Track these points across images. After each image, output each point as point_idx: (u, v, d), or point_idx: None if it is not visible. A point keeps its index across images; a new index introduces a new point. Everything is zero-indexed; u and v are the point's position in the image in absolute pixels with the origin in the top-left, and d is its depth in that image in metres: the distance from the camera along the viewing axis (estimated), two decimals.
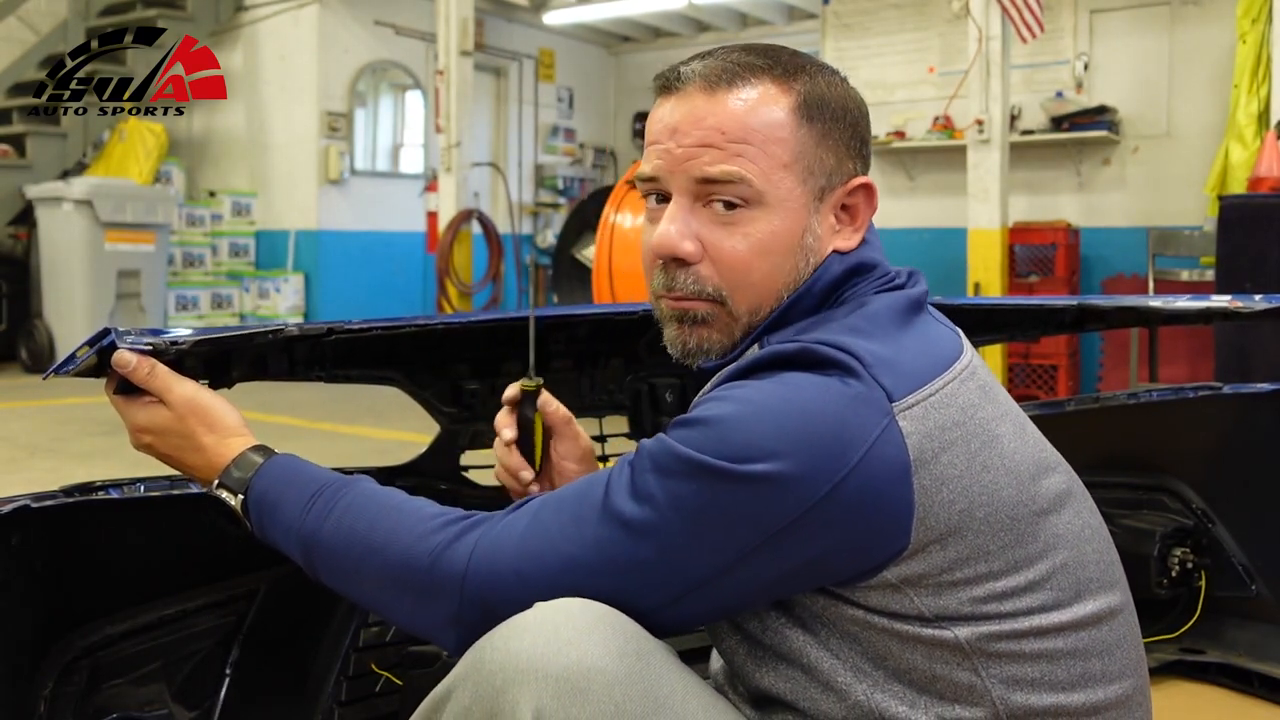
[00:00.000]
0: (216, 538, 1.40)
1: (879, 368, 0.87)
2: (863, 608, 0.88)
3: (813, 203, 0.97)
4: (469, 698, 0.83)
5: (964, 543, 0.87)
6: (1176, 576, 2.06)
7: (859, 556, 0.86)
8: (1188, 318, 2.02)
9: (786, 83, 0.96)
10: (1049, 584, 0.90)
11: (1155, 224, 6.51)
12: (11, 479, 3.95)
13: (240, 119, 8.34)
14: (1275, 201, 4.37)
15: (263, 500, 1.00)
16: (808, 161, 0.96)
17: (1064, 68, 7.08)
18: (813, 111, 0.96)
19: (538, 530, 0.88)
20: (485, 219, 7.65)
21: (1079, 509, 0.96)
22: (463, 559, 0.88)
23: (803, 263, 0.97)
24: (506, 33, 9.00)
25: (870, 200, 1.00)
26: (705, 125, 0.95)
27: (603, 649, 0.82)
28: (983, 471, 0.88)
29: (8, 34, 7.94)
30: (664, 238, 0.96)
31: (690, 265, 0.96)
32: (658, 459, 0.86)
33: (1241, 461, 2.09)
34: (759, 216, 0.95)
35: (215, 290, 8.13)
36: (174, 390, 1.06)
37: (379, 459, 1.46)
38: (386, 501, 0.96)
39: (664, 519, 0.84)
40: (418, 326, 1.37)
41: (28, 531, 1.17)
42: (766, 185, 0.94)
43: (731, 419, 0.85)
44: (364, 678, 1.51)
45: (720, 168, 0.94)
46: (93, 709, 1.26)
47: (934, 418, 0.87)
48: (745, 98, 0.95)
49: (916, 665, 0.88)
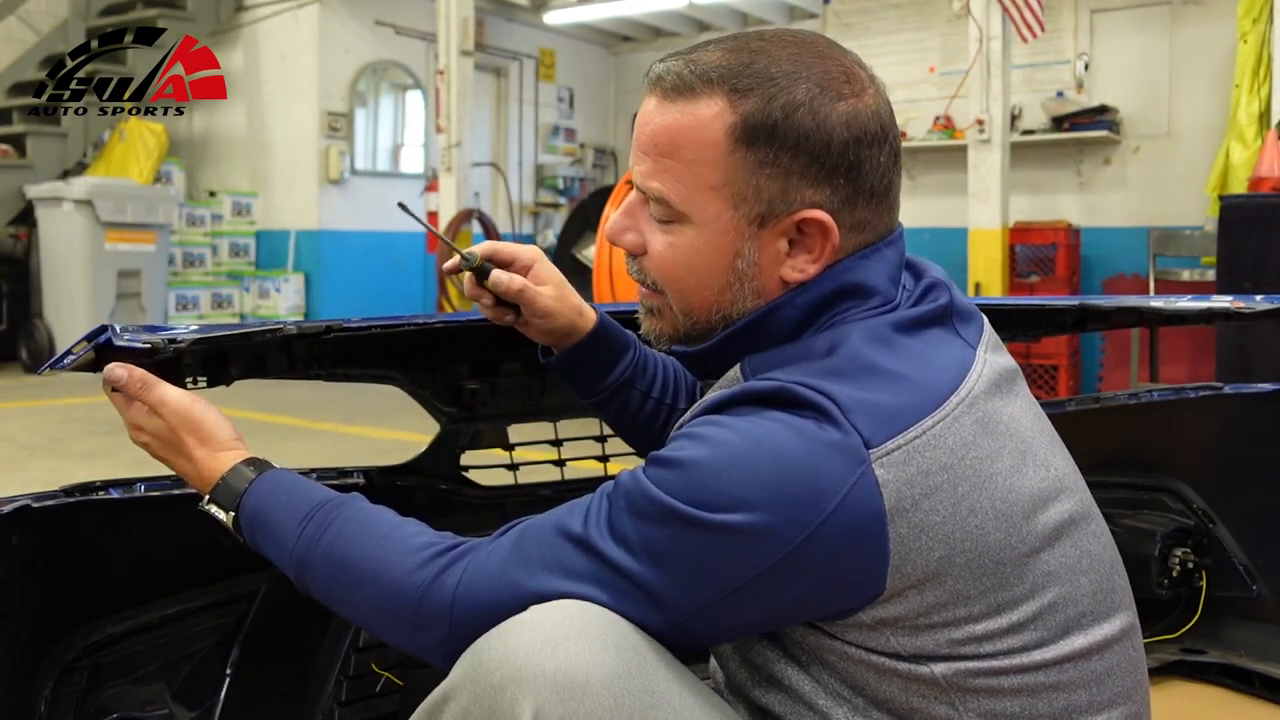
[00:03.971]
0: (217, 538, 1.40)
1: (857, 413, 0.84)
2: (840, 640, 0.88)
3: (747, 228, 0.93)
4: (468, 698, 0.84)
5: (943, 588, 0.85)
6: (1177, 576, 2.06)
7: (832, 602, 0.86)
8: (1189, 318, 2.02)
9: (736, 100, 0.91)
10: (1033, 625, 0.88)
11: (1156, 224, 6.52)
12: (11, 479, 3.95)
13: (240, 119, 8.34)
14: (1276, 201, 4.37)
15: (254, 520, 1.01)
16: (739, 187, 0.91)
17: (1065, 67, 7.09)
18: (754, 135, 0.90)
19: (519, 562, 0.89)
20: (486, 219, 7.66)
21: (1079, 537, 0.92)
22: (448, 593, 0.89)
23: (736, 285, 0.94)
24: (507, 32, 9.00)
25: (825, 234, 0.92)
26: (646, 131, 0.95)
27: (600, 646, 0.82)
28: (968, 516, 0.85)
29: (8, 34, 7.94)
30: (609, 227, 0.99)
31: (637, 256, 0.99)
32: (632, 499, 0.86)
33: (1242, 461, 2.09)
34: (684, 231, 0.94)
35: (215, 290, 8.13)
36: (166, 404, 1.06)
37: (379, 459, 1.46)
38: (375, 529, 0.96)
39: (638, 561, 0.85)
40: (416, 325, 1.37)
41: (28, 531, 1.17)
42: (688, 206, 0.93)
43: (705, 464, 0.84)
44: (364, 678, 1.51)
45: (645, 181, 0.94)
46: (93, 709, 1.25)
47: (916, 463, 0.84)
48: (685, 112, 0.92)
49: (894, 696, 0.88)
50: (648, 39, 9.67)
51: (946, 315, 0.95)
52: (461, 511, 1.57)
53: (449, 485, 1.57)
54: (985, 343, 0.96)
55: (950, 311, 0.96)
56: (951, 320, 0.96)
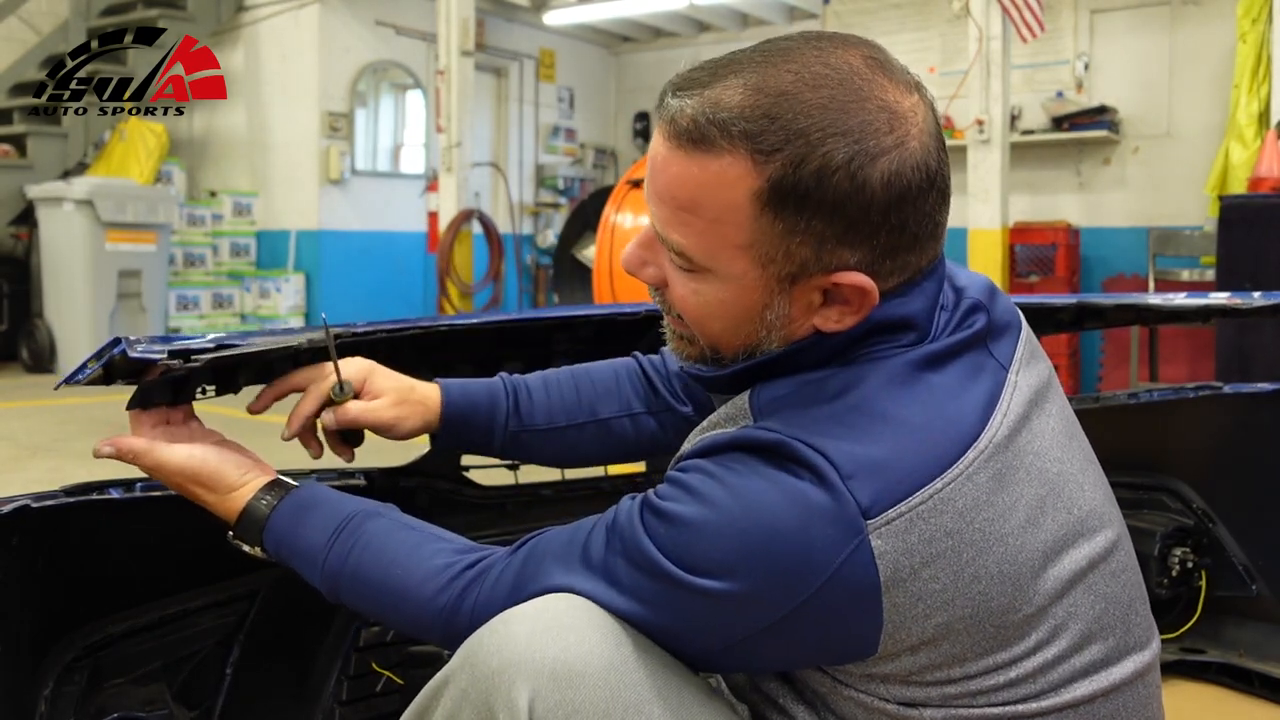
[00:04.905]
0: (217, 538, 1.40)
1: (858, 477, 0.79)
2: (830, 677, 0.88)
3: (776, 284, 0.86)
4: (465, 683, 0.85)
5: (939, 651, 0.82)
6: (1177, 576, 2.06)
7: (821, 660, 0.87)
8: (1187, 315, 2.02)
9: (760, 162, 0.81)
10: (1033, 679, 0.85)
11: (1156, 224, 6.52)
12: (11, 479, 3.95)
13: (241, 119, 8.34)
14: (1276, 201, 4.37)
15: (279, 550, 1.06)
16: (766, 249, 0.84)
17: (1064, 68, 7.09)
18: (782, 202, 0.81)
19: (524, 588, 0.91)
20: (486, 219, 7.65)
21: (1095, 582, 0.88)
22: (466, 619, 0.92)
23: (763, 332, 0.89)
24: (507, 33, 9.00)
25: (863, 296, 0.84)
26: (665, 177, 0.86)
27: (598, 638, 0.83)
28: (971, 583, 0.81)
29: (8, 34, 7.94)
30: (625, 258, 0.93)
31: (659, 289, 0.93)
32: (627, 545, 0.86)
33: (1242, 461, 2.09)
34: (707, 281, 0.87)
35: (216, 290, 8.12)
36: (165, 466, 1.08)
37: (379, 459, 1.46)
38: (394, 554, 0.99)
39: (629, 605, 0.86)
40: (421, 328, 1.37)
41: (28, 531, 1.17)
42: (711, 263, 0.86)
43: (695, 525, 0.81)
44: (365, 677, 1.51)
45: (664, 230, 0.87)
46: (93, 709, 1.25)
47: (919, 530, 0.80)
48: (705, 168, 0.82)
49: None
50: (648, 39, 9.67)
51: (981, 339, 0.90)
52: (462, 511, 1.58)
53: (450, 485, 1.58)
54: (1020, 357, 0.91)
55: (986, 334, 0.90)
56: (986, 343, 0.90)
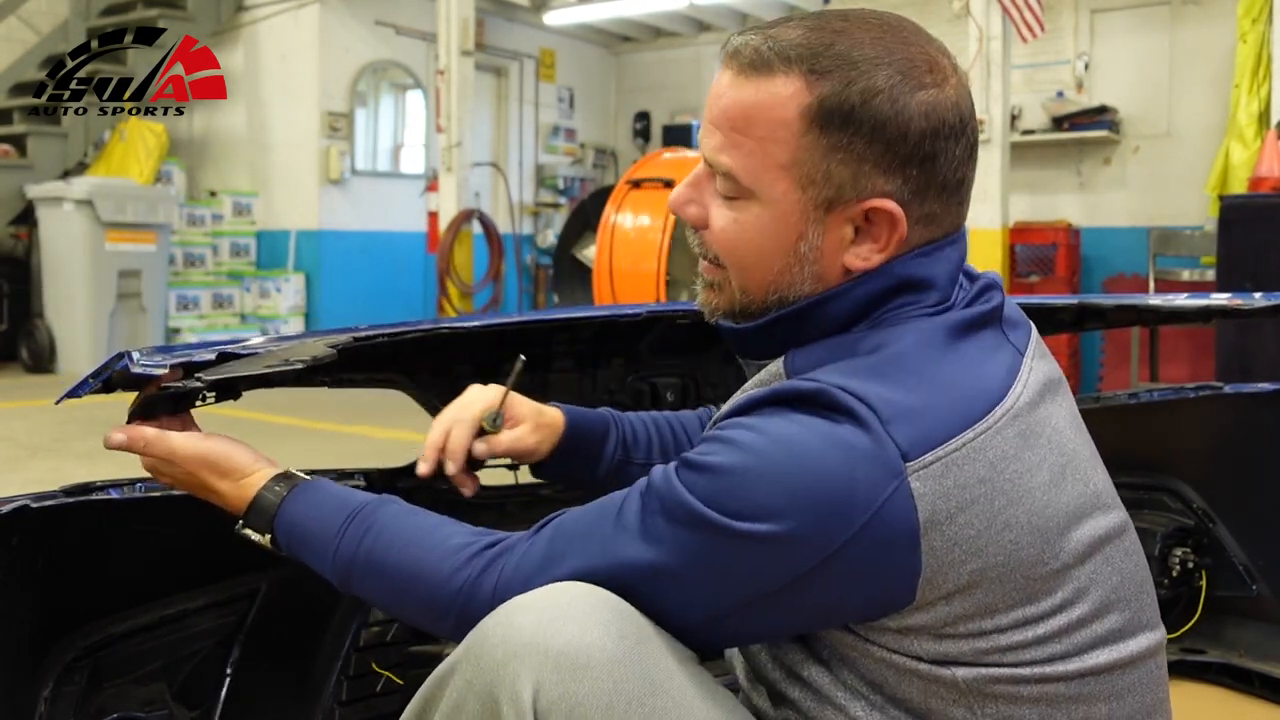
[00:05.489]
0: (216, 538, 1.39)
1: (896, 422, 0.83)
2: (863, 639, 0.88)
3: (813, 211, 0.91)
4: (470, 673, 0.85)
5: (972, 600, 0.85)
6: (1177, 576, 2.06)
7: (860, 610, 0.86)
8: (1187, 316, 2.02)
9: (813, 81, 0.88)
10: (1058, 639, 0.87)
11: (1156, 224, 6.52)
12: (11, 479, 3.95)
13: (241, 119, 8.34)
14: (1276, 201, 4.38)
15: (290, 539, 1.04)
16: (808, 169, 0.90)
17: (1064, 67, 7.09)
18: (828, 119, 0.88)
19: (553, 562, 0.90)
20: (486, 219, 7.65)
21: (1111, 555, 0.91)
22: (487, 595, 0.91)
23: (796, 266, 0.93)
24: (507, 32, 9.00)
25: (893, 224, 0.90)
26: (719, 106, 0.93)
27: (603, 630, 0.83)
28: (1003, 531, 0.84)
29: (8, 34, 7.94)
30: (673, 197, 0.98)
31: (699, 229, 0.97)
32: (665, 502, 0.86)
33: (1242, 461, 2.09)
34: (748, 208, 0.93)
35: (216, 290, 8.12)
36: (177, 453, 1.07)
37: (379, 459, 1.46)
38: (409, 536, 0.98)
39: (669, 563, 0.86)
40: (421, 332, 1.37)
41: (28, 531, 1.17)
42: (755, 184, 0.91)
43: (739, 471, 0.83)
44: (365, 677, 1.51)
45: (714, 155, 0.93)
46: (93, 709, 1.25)
47: (954, 476, 0.83)
48: (761, 89, 0.90)
49: (912, 696, 0.88)
50: (648, 39, 9.67)
51: (997, 317, 0.94)
52: (462, 512, 1.57)
53: (450, 485, 1.57)
54: (1032, 350, 0.95)
55: (1001, 314, 0.95)
56: (1001, 324, 0.95)
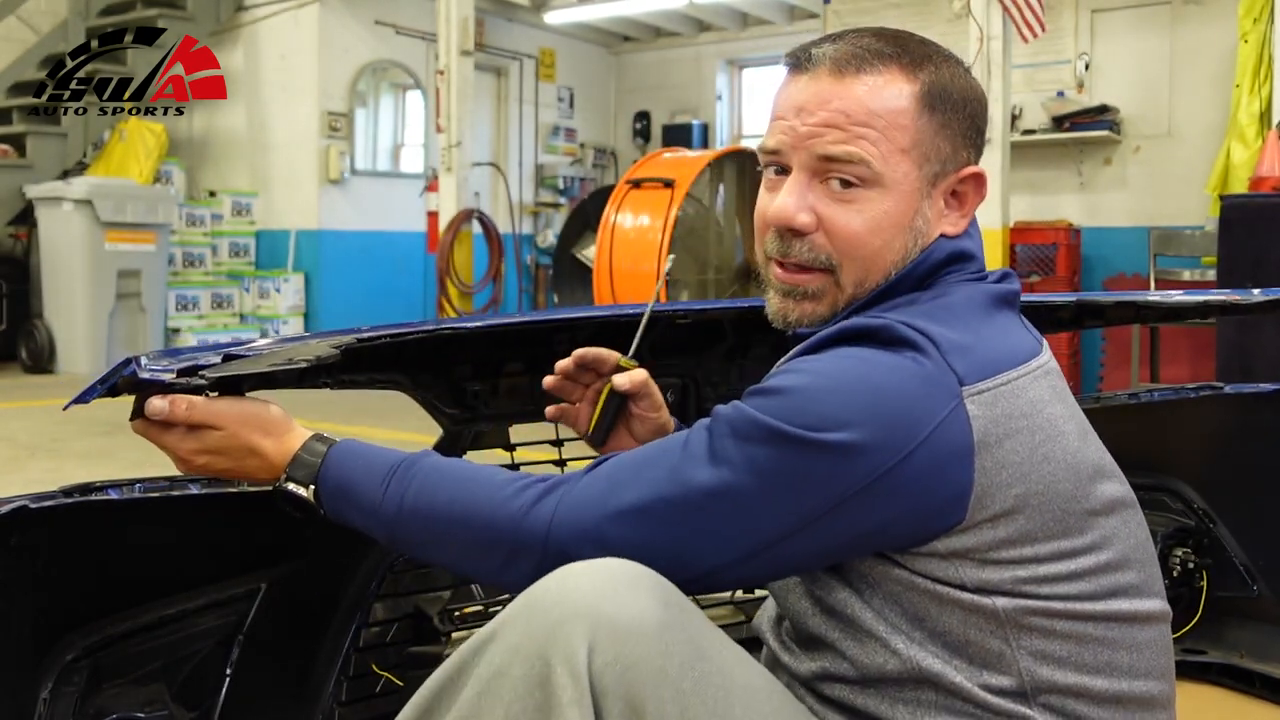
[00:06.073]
0: (216, 538, 1.39)
1: (953, 353, 0.91)
2: (908, 569, 0.92)
3: (925, 187, 1.01)
4: (519, 635, 0.86)
5: (1014, 525, 0.91)
6: (1178, 577, 2.06)
7: (916, 527, 0.91)
8: (1185, 312, 2.02)
9: (912, 71, 1.00)
10: (1088, 578, 0.94)
11: (1157, 224, 6.51)
12: (11, 479, 3.95)
13: (240, 119, 8.33)
14: (1277, 201, 4.37)
15: (336, 488, 1.03)
16: (925, 148, 1.00)
17: (1065, 67, 7.09)
18: (935, 101, 1.00)
19: (616, 489, 0.93)
20: (486, 219, 7.65)
21: (1128, 519, 1.00)
22: (545, 519, 0.93)
23: (910, 243, 1.01)
24: (507, 32, 9.00)
25: (979, 188, 1.04)
26: (831, 107, 0.99)
27: (651, 599, 0.86)
28: (1043, 462, 0.92)
29: (8, 34, 7.94)
30: (782, 209, 1.02)
31: (805, 235, 1.02)
32: (735, 424, 0.91)
33: (1243, 461, 2.08)
34: (874, 196, 1.00)
35: (215, 290, 8.12)
36: (222, 414, 1.06)
37: None
38: (460, 474, 1.00)
39: (740, 481, 0.89)
40: (422, 332, 1.37)
41: (27, 531, 1.17)
42: (884, 168, 0.99)
43: (809, 389, 0.90)
44: (365, 678, 1.51)
45: (843, 148, 0.99)
46: (93, 709, 1.25)
47: (1002, 405, 0.91)
48: (871, 83, 0.99)
49: (952, 628, 0.92)
50: (648, 39, 9.67)
51: (1019, 303, 1.05)
52: None
53: None
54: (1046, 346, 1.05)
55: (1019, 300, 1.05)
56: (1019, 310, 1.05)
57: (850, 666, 0.95)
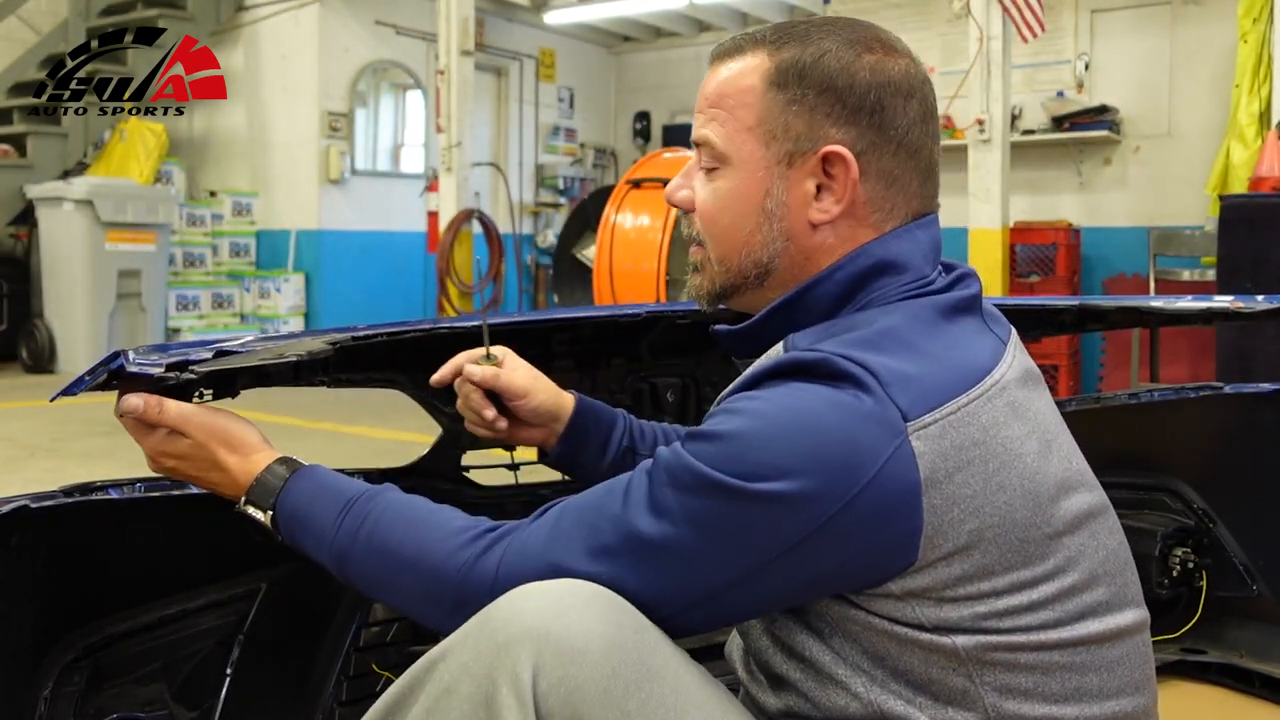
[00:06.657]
0: (216, 538, 1.39)
1: (896, 386, 0.87)
2: (865, 610, 0.90)
3: (777, 166, 0.99)
4: (469, 655, 0.85)
5: (971, 561, 0.87)
6: (1177, 576, 2.06)
7: (867, 571, 0.88)
8: (1189, 318, 2.02)
9: (774, 51, 0.99)
10: (1051, 605, 0.90)
11: (1156, 224, 6.52)
12: (11, 479, 3.95)
13: (241, 119, 8.34)
14: (1276, 201, 4.38)
15: (292, 516, 1.03)
16: (771, 125, 0.98)
17: (1065, 67, 7.09)
18: (785, 78, 0.98)
19: (559, 540, 0.91)
20: (486, 219, 7.65)
21: (1097, 530, 0.96)
22: (490, 572, 0.92)
23: (766, 225, 0.99)
24: (507, 32, 9.00)
25: (847, 171, 0.96)
26: (703, 94, 1.03)
27: (601, 618, 0.85)
28: (998, 492, 0.88)
29: (8, 34, 7.94)
30: (667, 188, 1.07)
31: (689, 213, 1.06)
32: (674, 473, 0.88)
33: (1243, 461, 2.09)
34: (724, 175, 1.01)
35: (216, 290, 8.12)
36: (190, 421, 1.06)
37: (379, 459, 1.46)
38: (413, 515, 0.99)
39: (680, 533, 0.87)
40: (420, 331, 1.37)
41: (27, 531, 1.17)
42: (729, 147, 1.00)
43: (746, 435, 0.86)
44: (364, 677, 1.51)
45: (699, 131, 1.02)
46: (93, 709, 1.25)
47: (951, 437, 0.87)
48: (731, 67, 1.01)
49: (914, 668, 0.90)
50: (648, 39, 9.67)
51: (978, 307, 1.00)
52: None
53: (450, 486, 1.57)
54: (1013, 344, 0.99)
55: (981, 304, 1.00)
56: (982, 315, 1.00)
57: (813, 708, 0.93)
